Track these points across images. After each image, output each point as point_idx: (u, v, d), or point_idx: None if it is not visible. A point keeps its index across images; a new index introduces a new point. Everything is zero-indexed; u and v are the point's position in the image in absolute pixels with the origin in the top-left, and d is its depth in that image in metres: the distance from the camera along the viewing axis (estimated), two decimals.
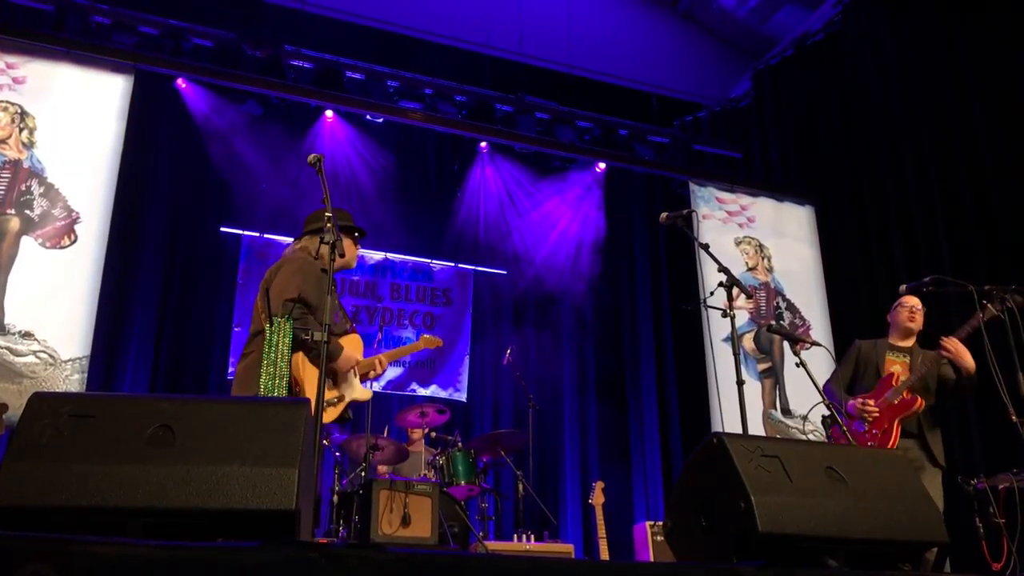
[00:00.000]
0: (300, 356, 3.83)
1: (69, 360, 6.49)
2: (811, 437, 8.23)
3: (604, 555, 6.28)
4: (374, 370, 4.27)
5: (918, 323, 5.12)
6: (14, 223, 6.65)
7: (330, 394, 3.99)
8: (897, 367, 5.00)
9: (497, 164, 9.43)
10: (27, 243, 6.63)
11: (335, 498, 5.80)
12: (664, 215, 4.59)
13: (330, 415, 3.99)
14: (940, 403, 4.94)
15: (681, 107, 10.54)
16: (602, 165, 9.61)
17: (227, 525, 2.13)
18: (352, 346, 4.13)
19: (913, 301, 5.17)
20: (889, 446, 4.69)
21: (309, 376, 3.83)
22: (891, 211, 8.38)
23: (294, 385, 3.79)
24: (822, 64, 9.57)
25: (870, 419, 4.83)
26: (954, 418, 7.04)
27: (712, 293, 4.51)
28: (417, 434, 6.89)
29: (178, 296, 7.92)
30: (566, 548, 6.18)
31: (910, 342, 5.12)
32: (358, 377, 4.15)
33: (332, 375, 4.01)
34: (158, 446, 2.21)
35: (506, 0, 9.76)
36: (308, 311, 3.84)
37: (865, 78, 8.90)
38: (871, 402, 4.87)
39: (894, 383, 4.87)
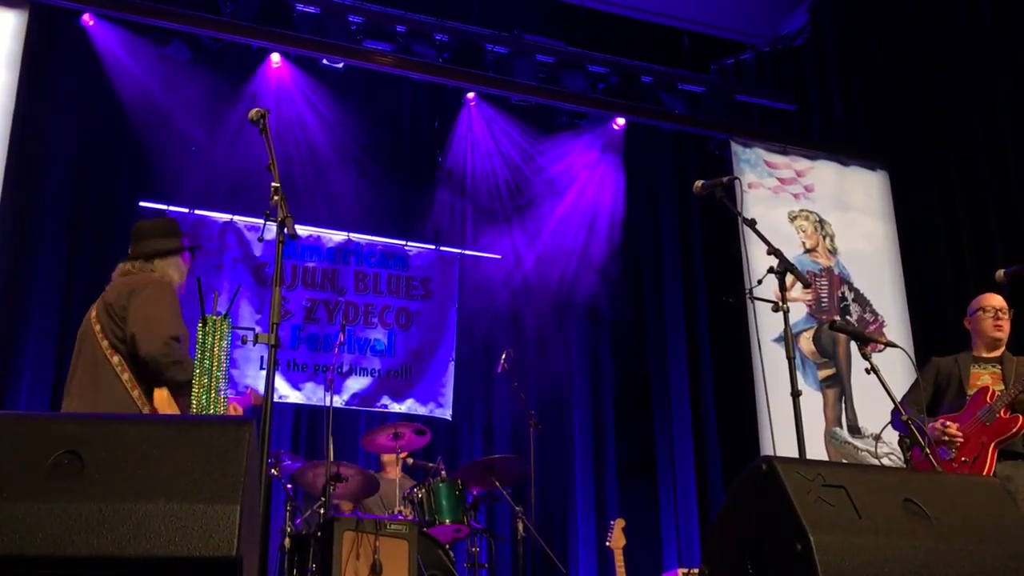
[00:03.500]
0: (165, 393, 3.92)
1: None
2: (885, 462, 8.25)
3: None
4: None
5: (1006, 329, 5.14)
6: None
7: None
8: (987, 378, 5.01)
9: (488, 120, 9.40)
10: None
11: (286, 541, 5.79)
12: (699, 184, 4.59)
13: None
14: None
15: (720, 47, 10.52)
16: (621, 121, 9.59)
17: None
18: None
19: (997, 302, 5.17)
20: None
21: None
22: (984, 176, 8.37)
23: None
24: None
25: (956, 444, 4.83)
26: None
27: (760, 282, 4.51)
28: (390, 460, 6.89)
29: (85, 288, 7.88)
30: None
31: (998, 351, 5.15)
32: None
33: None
34: (62, 478, 2.20)
35: None
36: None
37: (951, 7, 8.88)
38: (953, 425, 4.87)
39: (988, 399, 4.87)
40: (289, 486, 6.28)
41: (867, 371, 4.14)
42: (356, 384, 8.50)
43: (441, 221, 9.23)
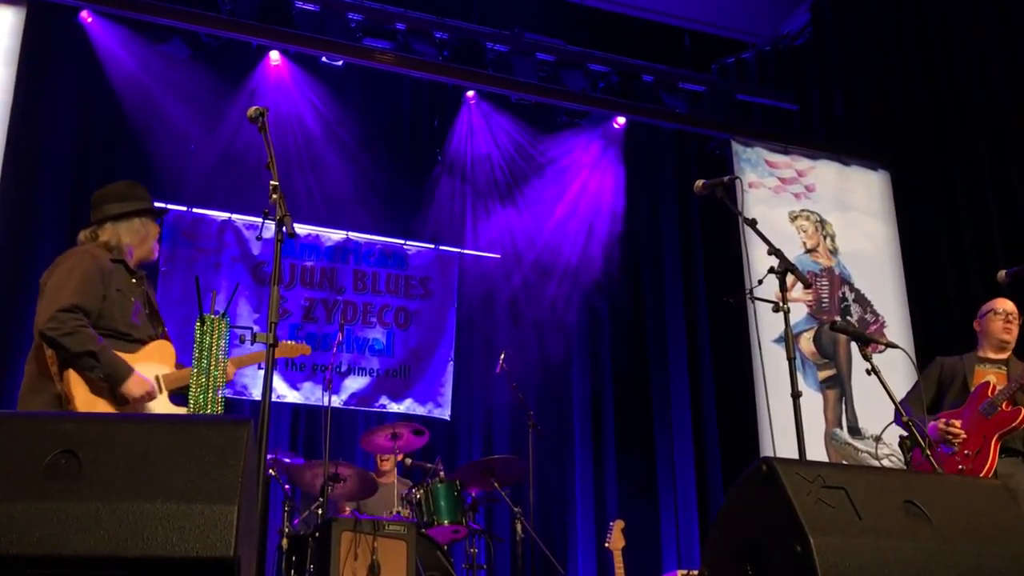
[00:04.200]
0: (72, 372, 3.83)
1: None
2: (886, 463, 8.26)
3: None
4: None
5: (1015, 333, 5.19)
6: None
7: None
8: (992, 377, 5.04)
9: (488, 119, 9.40)
10: None
11: (284, 542, 5.79)
12: (700, 183, 4.59)
13: None
14: None
15: (721, 46, 10.51)
16: (621, 120, 9.60)
17: None
18: (159, 356, 4.14)
19: (1007, 306, 5.22)
20: (985, 470, 4.72)
21: (81, 394, 3.81)
22: (986, 177, 8.37)
23: (66, 404, 3.79)
24: None
25: (956, 442, 4.86)
26: None
27: (760, 282, 4.51)
28: (388, 461, 6.89)
29: None
30: None
31: (1005, 354, 5.19)
32: (164, 392, 4.08)
33: (111, 396, 3.92)
34: (60, 478, 2.20)
35: None
36: (85, 320, 3.85)
37: (953, 6, 8.88)
38: (956, 422, 4.89)
39: (990, 393, 4.90)
40: (287, 486, 6.28)
41: (868, 372, 4.15)
42: (354, 384, 8.50)
43: (440, 220, 9.22)
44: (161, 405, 4.08)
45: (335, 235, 8.86)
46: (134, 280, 4.18)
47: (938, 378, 5.23)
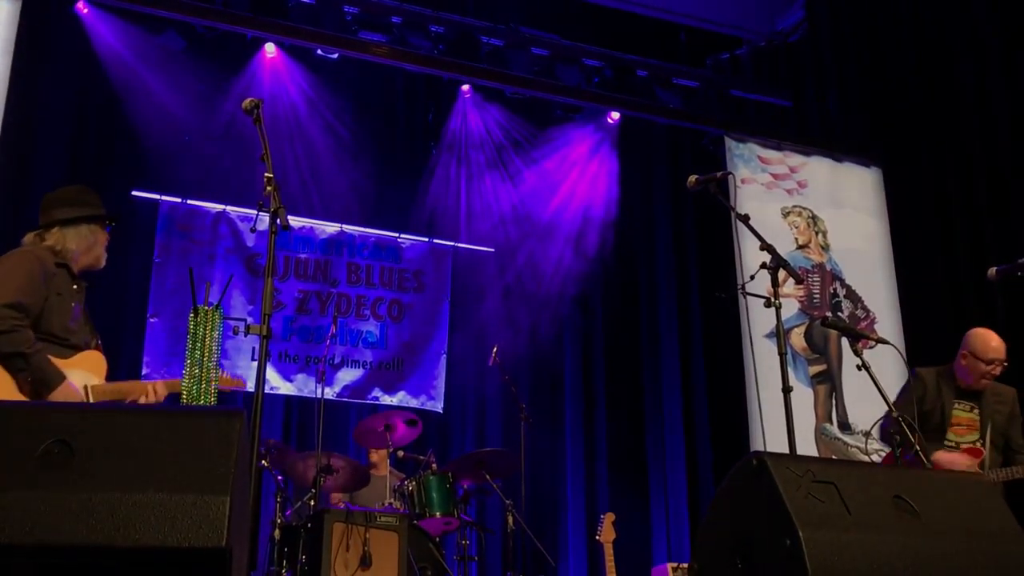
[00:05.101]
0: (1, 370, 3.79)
1: None
2: (875, 458, 8.26)
3: None
4: (144, 396, 4.14)
5: (994, 376, 5.16)
6: None
7: None
8: (965, 422, 5.11)
9: (483, 112, 9.40)
10: None
11: (276, 533, 5.79)
12: (693, 178, 4.60)
13: None
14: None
15: (715, 42, 10.51)
16: (615, 115, 9.60)
17: (139, 567, 2.13)
18: (90, 365, 4.09)
19: (1001, 351, 5.10)
20: None
21: (6, 390, 3.77)
22: (978, 174, 8.39)
23: None
24: None
25: None
26: None
27: (752, 277, 4.52)
28: (381, 453, 6.89)
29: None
30: None
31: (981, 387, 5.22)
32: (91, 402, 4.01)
33: (36, 397, 3.87)
34: (52, 468, 2.20)
35: None
36: (26, 321, 3.83)
37: (947, 5, 8.88)
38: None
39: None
40: (280, 477, 6.28)
41: (858, 368, 4.17)
42: (348, 376, 8.49)
43: (434, 214, 9.22)
44: None
45: (329, 228, 8.85)
46: (75, 287, 4.12)
47: (921, 397, 5.19)
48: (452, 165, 9.35)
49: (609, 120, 9.62)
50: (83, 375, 4.03)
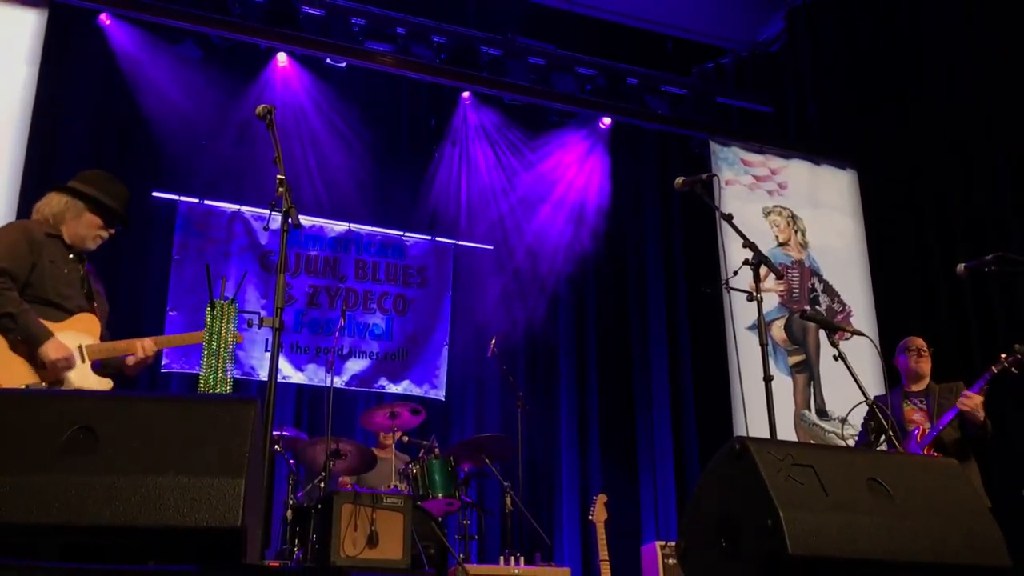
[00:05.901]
0: None
1: None
2: (851, 443, 8.28)
3: None
4: (135, 354, 4.18)
5: (927, 366, 5.50)
6: None
7: (28, 380, 3.85)
8: (918, 416, 5.29)
9: (482, 118, 9.39)
10: None
11: (289, 513, 5.80)
12: (680, 180, 4.61)
13: None
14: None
15: (701, 52, 10.50)
16: (607, 120, 9.59)
17: (160, 545, 2.13)
18: (83, 326, 4.09)
19: (917, 342, 5.54)
20: None
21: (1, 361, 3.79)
22: (949, 176, 8.39)
23: None
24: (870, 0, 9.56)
25: None
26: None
27: (736, 273, 4.53)
28: (387, 438, 6.89)
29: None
30: (562, 572, 6.21)
31: (924, 383, 5.48)
32: (87, 362, 4.04)
33: (29, 357, 3.88)
34: (77, 452, 2.20)
35: None
36: (11, 284, 3.85)
37: (921, 16, 8.88)
38: None
39: (918, 439, 5.11)
40: (292, 461, 6.29)
41: (835, 358, 4.18)
42: (355, 366, 8.50)
43: (437, 213, 9.22)
44: (82, 374, 4.03)
45: (338, 226, 8.85)
46: (71, 256, 4.13)
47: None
48: (453, 168, 9.35)
49: (601, 125, 9.62)
50: (76, 336, 4.03)
